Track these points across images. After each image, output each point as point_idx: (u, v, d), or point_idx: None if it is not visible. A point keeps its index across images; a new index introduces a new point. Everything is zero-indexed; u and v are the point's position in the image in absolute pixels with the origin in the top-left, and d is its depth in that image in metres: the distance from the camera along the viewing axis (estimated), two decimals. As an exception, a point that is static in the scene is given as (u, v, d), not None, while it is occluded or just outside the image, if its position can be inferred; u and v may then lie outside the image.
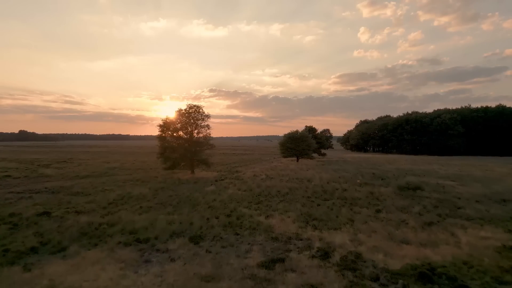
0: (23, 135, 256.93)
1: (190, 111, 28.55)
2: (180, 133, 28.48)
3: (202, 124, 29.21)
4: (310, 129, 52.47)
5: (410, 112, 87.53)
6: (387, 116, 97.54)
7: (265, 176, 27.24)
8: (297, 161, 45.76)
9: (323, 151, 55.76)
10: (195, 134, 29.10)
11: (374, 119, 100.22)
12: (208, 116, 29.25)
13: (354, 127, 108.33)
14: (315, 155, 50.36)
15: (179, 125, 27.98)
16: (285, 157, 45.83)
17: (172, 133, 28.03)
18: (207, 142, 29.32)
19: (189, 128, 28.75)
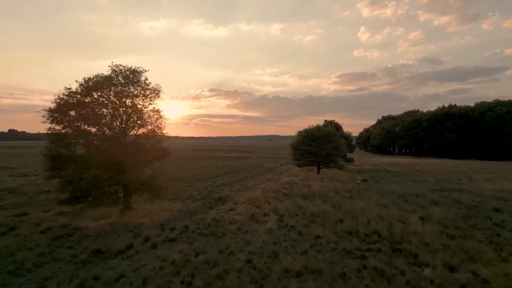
0: (12, 135, 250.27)
1: (120, 81, 14.12)
2: (98, 127, 14.04)
3: (145, 111, 14.82)
4: (334, 126, 37.89)
5: (445, 105, 72.76)
6: (417, 111, 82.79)
7: (277, 219, 12.92)
8: (318, 172, 31.33)
9: (349, 155, 41.29)
10: (130, 130, 14.69)
11: (401, 113, 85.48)
12: (157, 93, 14.87)
13: (375, 123, 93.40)
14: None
15: (89, 110, 13.49)
16: (299, 165, 31.40)
17: (81, 127, 13.62)
18: (155, 145, 14.89)
19: (118, 118, 14.36)
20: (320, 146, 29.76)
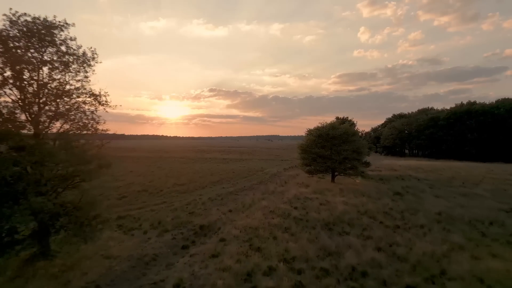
0: None
1: (22, 40, 8.36)
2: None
3: (71, 92, 9.07)
4: (351, 124, 32.11)
5: (464, 102, 66.89)
6: (431, 109, 77.04)
7: (293, 283, 7.22)
8: (333, 180, 25.57)
9: (365, 158, 35.49)
10: (44, 125, 8.94)
11: (414, 111, 79.59)
12: (87, 62, 9.12)
13: (384, 122, 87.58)
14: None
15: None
16: (310, 172, 25.60)
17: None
18: (85, 150, 9.08)
19: (27, 105, 8.64)
20: (336, 148, 24.07)
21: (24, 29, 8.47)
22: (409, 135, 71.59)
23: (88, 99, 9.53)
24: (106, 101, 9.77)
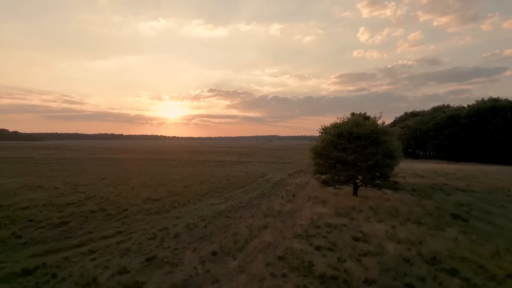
0: (2, 135, 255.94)
1: None
2: None
3: None
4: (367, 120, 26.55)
5: (485, 99, 61.09)
6: (448, 106, 71.40)
7: None
8: (355, 193, 19.99)
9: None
10: None
11: (428, 109, 73.59)
12: None
13: (394, 120, 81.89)
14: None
15: None
16: (326, 183, 19.98)
17: None
18: None
19: None
20: (361, 151, 18.50)
21: None
22: (424, 135, 65.86)
23: None
24: None
